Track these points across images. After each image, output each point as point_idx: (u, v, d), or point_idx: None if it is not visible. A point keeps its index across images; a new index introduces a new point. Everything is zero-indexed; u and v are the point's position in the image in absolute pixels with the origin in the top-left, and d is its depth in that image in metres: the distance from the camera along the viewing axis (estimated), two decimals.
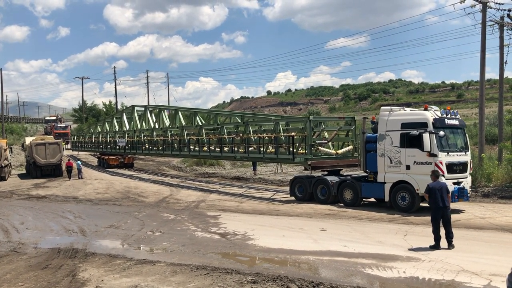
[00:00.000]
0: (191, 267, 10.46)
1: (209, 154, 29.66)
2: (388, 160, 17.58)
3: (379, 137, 17.95)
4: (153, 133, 35.95)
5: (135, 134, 38.68)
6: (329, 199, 19.71)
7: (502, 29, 27.81)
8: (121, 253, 12.22)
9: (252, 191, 25.57)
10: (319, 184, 20.28)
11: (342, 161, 22.10)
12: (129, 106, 45.86)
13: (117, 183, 31.97)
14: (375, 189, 18.19)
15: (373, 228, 14.68)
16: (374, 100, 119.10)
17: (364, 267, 10.17)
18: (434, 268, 9.85)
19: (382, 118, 18.03)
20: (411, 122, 17.23)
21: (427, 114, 16.98)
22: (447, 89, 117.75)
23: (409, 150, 16.97)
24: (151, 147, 36.63)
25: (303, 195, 20.83)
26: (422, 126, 16.74)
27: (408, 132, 16.98)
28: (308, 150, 21.37)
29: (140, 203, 22.29)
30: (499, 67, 28.03)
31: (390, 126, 17.61)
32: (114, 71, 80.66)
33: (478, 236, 13.06)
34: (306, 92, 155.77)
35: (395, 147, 17.37)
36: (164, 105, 51.39)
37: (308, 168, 21.47)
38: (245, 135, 25.51)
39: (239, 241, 13.22)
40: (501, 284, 8.24)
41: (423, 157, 16.57)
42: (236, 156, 26.96)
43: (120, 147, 40.44)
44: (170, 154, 35.37)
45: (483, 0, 26.06)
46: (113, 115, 53.72)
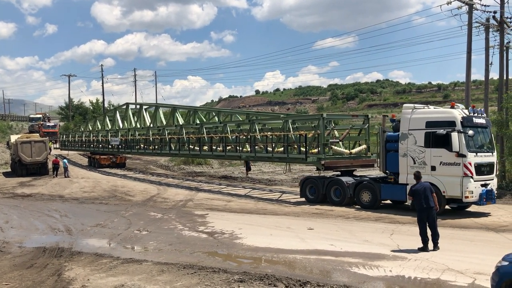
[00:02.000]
0: (178, 266, 10.43)
1: (211, 154, 28.49)
2: (411, 160, 16.62)
3: (401, 136, 16.97)
4: (149, 131, 34.94)
5: (129, 132, 37.72)
6: (344, 201, 18.73)
7: (488, 31, 28.14)
8: (108, 252, 12.14)
9: (257, 192, 24.73)
10: (333, 185, 19.28)
11: (355, 161, 21.16)
12: (123, 103, 44.54)
13: (104, 181, 31.74)
14: (396, 191, 17.12)
15: (360, 227, 14.77)
16: (361, 100, 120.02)
17: (350, 266, 10.23)
18: (420, 267, 9.94)
19: (405, 116, 17.03)
20: (437, 120, 16.23)
21: (455, 112, 16.02)
22: (434, 90, 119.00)
23: (435, 150, 16.02)
24: (146, 146, 35.49)
25: (315, 197, 19.84)
26: (449, 125, 15.78)
27: (434, 131, 16.01)
28: (321, 150, 20.28)
29: (127, 202, 22.16)
30: (485, 69, 28.35)
31: (414, 125, 16.67)
32: (102, 69, 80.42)
33: (463, 235, 13.20)
34: (294, 92, 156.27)
35: (419, 146, 16.42)
36: (161, 103, 50.16)
37: (321, 168, 20.39)
38: (250, 133, 24.55)
39: (226, 240, 13.21)
40: (485, 283, 8.34)
41: (451, 157, 15.65)
42: (242, 156, 25.96)
43: (113, 146, 39.56)
44: (168, 154, 34.24)
45: (469, 2, 26.34)
46: (105, 113, 53.00)
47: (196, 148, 29.70)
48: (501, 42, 28.17)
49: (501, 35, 27.85)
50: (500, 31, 27.83)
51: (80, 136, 49.70)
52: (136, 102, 51.51)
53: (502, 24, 27.60)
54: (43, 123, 69.90)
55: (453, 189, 15.56)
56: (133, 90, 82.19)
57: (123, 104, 43.95)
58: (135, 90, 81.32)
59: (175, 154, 33.52)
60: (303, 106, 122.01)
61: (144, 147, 35.81)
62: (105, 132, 42.56)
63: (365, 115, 23.26)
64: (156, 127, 34.69)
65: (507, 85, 36.65)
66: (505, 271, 6.81)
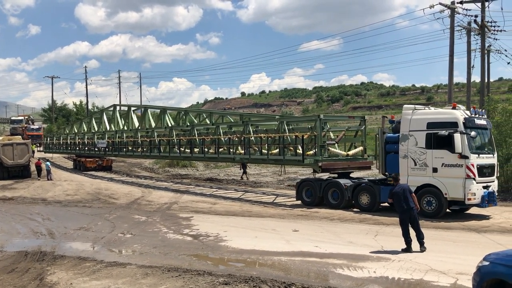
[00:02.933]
0: (162, 269, 10.36)
1: (203, 156, 27.76)
2: (411, 162, 16.33)
3: (402, 137, 16.69)
4: (137, 133, 34.21)
5: (116, 135, 37.03)
6: (342, 203, 18.44)
7: (469, 35, 28.66)
8: (91, 255, 12.00)
9: (249, 194, 24.36)
10: (330, 188, 18.94)
11: (352, 163, 20.89)
12: (110, 105, 43.75)
13: (87, 184, 31.41)
14: None
15: (345, 229, 14.85)
16: (346, 103, 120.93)
17: (335, 267, 10.27)
18: (403, 268, 10.02)
19: (405, 117, 16.75)
20: (438, 121, 15.99)
21: (457, 113, 15.79)
22: (417, 92, 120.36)
23: (437, 151, 15.77)
24: (135, 148, 34.53)
25: (312, 200, 19.52)
26: (451, 126, 15.55)
27: (436, 132, 15.77)
28: (318, 151, 19.99)
29: (111, 204, 21.96)
30: (467, 71, 28.96)
31: (414, 126, 16.40)
32: (85, 71, 79.24)
33: (446, 236, 13.35)
34: (280, 94, 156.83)
35: (420, 148, 16.16)
36: (149, 105, 49.12)
37: (318, 170, 20.10)
38: (244, 135, 24.07)
39: (211, 243, 13.17)
40: (467, 282, 8.44)
41: (453, 159, 15.40)
42: (235, 158, 25.48)
43: (100, 149, 38.81)
44: (158, 156, 33.49)
45: (452, 6, 26.77)
46: (91, 114, 52.25)
47: (187, 151, 29.08)
48: (482, 46, 28.66)
49: (482, 38, 28.35)
50: (481, 35, 28.33)
51: (65, 139, 48.81)
52: (122, 103, 50.92)
53: (483, 28, 28.10)
54: (27, 126, 68.89)
55: (455, 191, 15.34)
56: (118, 92, 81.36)
57: (110, 106, 43.28)
58: (119, 92, 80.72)
59: (165, 156, 32.87)
60: (288, 108, 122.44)
61: (132, 149, 35.03)
62: (91, 134, 41.85)
63: (361, 116, 22.92)
64: (145, 129, 34.08)
65: (489, 88, 37.21)
66: (486, 271, 6.89)
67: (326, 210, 18.34)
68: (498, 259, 6.90)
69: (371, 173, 25.67)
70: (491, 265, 6.87)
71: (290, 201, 21.27)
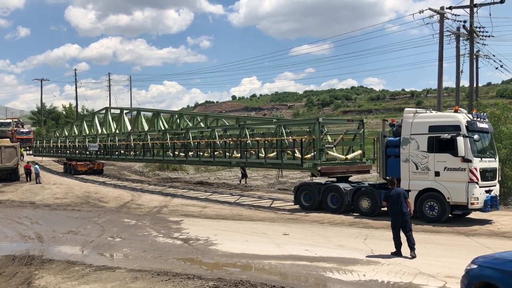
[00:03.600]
0: (152, 273, 10.32)
1: (198, 160, 27.39)
2: (413, 166, 16.15)
3: (403, 141, 16.52)
4: (130, 137, 33.87)
5: (108, 138, 36.73)
6: (342, 208, 18.17)
7: (458, 40, 28.96)
8: (80, 259, 11.91)
9: (245, 198, 24.14)
10: (329, 192, 18.68)
11: (351, 167, 20.63)
12: (102, 108, 43.31)
13: (76, 187, 31.19)
14: None
15: (335, 232, 14.88)
16: (336, 107, 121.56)
17: (325, 270, 10.29)
18: (393, 271, 10.07)
19: (406, 120, 16.60)
20: (440, 125, 15.81)
21: (459, 117, 15.62)
22: (407, 97, 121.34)
23: (439, 155, 15.58)
24: (127, 152, 34.21)
25: (311, 204, 19.29)
26: (454, 129, 15.39)
27: (438, 136, 15.60)
28: (317, 155, 19.69)
29: (100, 208, 21.82)
30: (456, 76, 29.17)
31: (416, 129, 16.24)
32: (75, 73, 78.94)
33: (435, 240, 13.43)
34: (271, 98, 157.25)
35: (421, 151, 15.98)
36: (143, 108, 48.63)
37: (317, 174, 19.96)
38: (240, 138, 23.78)
39: (201, 246, 13.13)
40: (455, 286, 8.51)
41: (456, 162, 15.23)
42: (232, 162, 25.05)
43: (92, 152, 38.51)
44: (152, 160, 32.94)
45: (441, 11, 27.04)
46: (82, 117, 51.73)
47: (182, 154, 28.71)
48: (471, 51, 28.98)
49: (471, 44, 28.67)
50: (470, 40, 28.64)
51: (55, 142, 48.32)
52: (111, 106, 50.40)
53: (471, 33, 28.42)
54: (16, 129, 68.29)
55: (458, 195, 15.20)
56: (108, 95, 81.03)
57: (102, 109, 42.91)
58: (109, 94, 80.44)
59: (158, 160, 32.36)
60: (279, 112, 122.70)
61: (125, 153, 34.57)
62: (82, 138, 41.42)
63: (359, 119, 22.68)
64: (138, 132, 33.71)
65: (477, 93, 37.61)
66: (475, 274, 6.95)
67: (317, 214, 18.34)
68: (486, 262, 6.96)
69: (369, 177, 25.68)
70: (479, 268, 6.93)
71: (288, 205, 20.99)
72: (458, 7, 28.05)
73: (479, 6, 27.58)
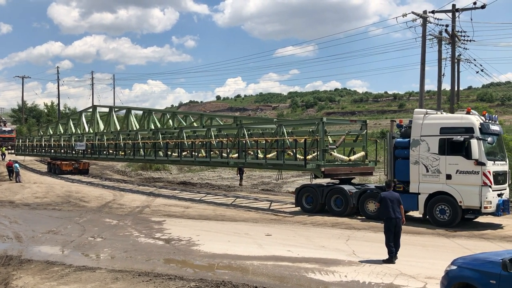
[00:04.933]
0: (133, 273, 10.23)
1: (193, 160, 26.59)
2: (423, 168, 15.70)
3: (413, 142, 16.05)
4: (119, 136, 33.00)
5: (96, 137, 35.94)
6: (347, 211, 17.69)
7: (440, 43, 29.39)
8: (60, 259, 11.74)
9: (243, 200, 23.47)
10: (333, 194, 18.14)
11: (354, 169, 20.19)
12: (90, 106, 42.50)
13: (57, 187, 30.78)
14: (406, 201, 15.44)
15: (317, 233, 14.94)
16: (320, 108, 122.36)
17: (307, 271, 10.31)
18: (374, 272, 10.14)
19: (416, 121, 16.15)
20: (453, 126, 15.39)
21: (472, 119, 15.20)
22: (390, 99, 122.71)
23: (451, 157, 15.16)
24: (116, 151, 33.15)
25: (313, 206, 18.75)
26: (466, 131, 14.98)
27: (450, 138, 15.17)
28: (321, 156, 19.16)
29: (81, 208, 21.56)
30: (438, 79, 29.61)
31: (426, 131, 15.80)
32: (57, 71, 77.57)
33: (416, 241, 13.57)
34: (255, 98, 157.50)
35: (432, 154, 15.54)
36: (133, 106, 47.61)
37: (320, 176, 19.40)
38: (238, 138, 23.10)
39: (183, 247, 13.06)
40: (435, 286, 8.58)
41: (469, 165, 14.83)
42: (229, 162, 24.30)
43: (78, 152, 37.74)
44: (143, 160, 32.07)
45: (423, 15, 27.40)
46: (69, 116, 50.81)
47: (174, 154, 28.03)
48: (452, 55, 29.45)
49: (453, 47, 29.13)
50: (451, 44, 29.11)
51: (39, 141, 47.11)
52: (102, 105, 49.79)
53: (453, 38, 28.87)
54: None
55: (471, 199, 14.82)
56: (90, 94, 79.98)
57: (89, 107, 42.03)
58: (92, 93, 79.26)
59: (150, 160, 31.65)
60: (263, 112, 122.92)
61: (114, 152, 33.65)
62: (67, 136, 40.54)
63: (362, 120, 22.13)
64: (128, 131, 32.90)
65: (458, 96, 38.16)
66: (454, 275, 7.04)
67: (321, 217, 17.84)
68: (465, 263, 7.06)
69: (370, 179, 25.65)
70: (458, 269, 7.02)
71: (287, 207, 20.51)
72: (441, 11, 28.53)
73: (461, 11, 28.10)
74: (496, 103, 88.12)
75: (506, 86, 65.30)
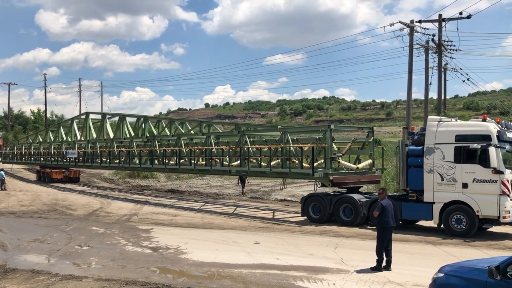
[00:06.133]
0: (120, 282, 10.13)
1: (192, 168, 26.06)
2: (438, 177, 15.31)
3: (427, 150, 15.64)
4: (113, 143, 32.38)
5: (88, 144, 35.27)
6: (357, 220, 17.15)
7: (427, 52, 29.79)
8: (46, 268, 11.59)
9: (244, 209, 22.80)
10: (342, 204, 17.54)
11: (362, 177, 19.71)
12: (83, 113, 41.65)
13: (44, 195, 30.45)
14: (420, 210, 15.78)
15: (305, 241, 14.94)
16: (308, 116, 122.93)
17: (295, 279, 10.30)
18: (362, 280, 10.15)
19: (430, 129, 15.75)
20: (468, 134, 15.01)
21: (490, 126, 14.81)
22: (377, 107, 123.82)
23: (467, 166, 14.79)
24: (110, 159, 32.58)
25: (320, 216, 18.22)
26: (483, 139, 14.61)
27: (467, 146, 14.84)
28: (328, 164, 18.79)
29: (68, 216, 21.33)
30: (425, 88, 29.97)
31: (441, 138, 15.41)
32: (45, 78, 76.91)
33: (403, 249, 13.63)
34: (244, 106, 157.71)
35: (447, 162, 15.15)
36: (128, 113, 46.74)
37: (328, 184, 19.00)
38: (240, 146, 22.63)
39: (171, 255, 12.97)
40: None
41: (486, 174, 14.47)
42: (231, 170, 23.66)
43: (69, 160, 37.04)
44: (139, 168, 31.46)
45: (410, 25, 27.74)
46: (59, 123, 49.89)
47: (172, 162, 27.49)
48: (439, 64, 29.85)
49: (439, 57, 29.53)
50: (438, 53, 29.51)
51: (28, 148, 46.14)
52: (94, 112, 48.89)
53: (440, 47, 29.28)
54: None
55: (489, 208, 14.46)
56: (78, 101, 79.32)
57: (81, 114, 41.33)
58: (79, 100, 78.69)
59: (147, 168, 31.09)
60: (252, 120, 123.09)
61: (107, 160, 33.02)
62: (58, 144, 39.81)
63: (369, 127, 21.70)
64: (122, 138, 32.35)
65: (445, 105, 38.61)
66: (441, 282, 7.09)
67: (330, 227, 17.24)
68: (452, 270, 7.12)
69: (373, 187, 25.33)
70: (446, 277, 7.07)
71: (290, 217, 20.15)
72: (427, 21, 28.90)
73: (447, 21, 28.47)
74: (482, 112, 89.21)
75: (491, 95, 66.26)
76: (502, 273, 6.19)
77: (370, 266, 11.12)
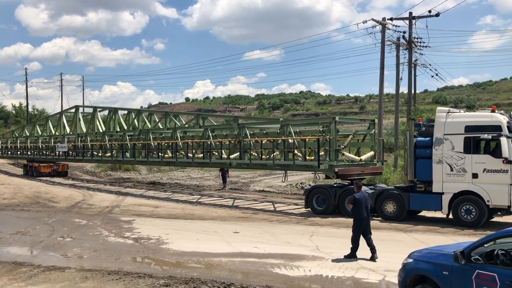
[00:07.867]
0: (102, 272, 10.37)
1: (190, 162, 25.82)
2: (447, 167, 15.33)
3: (436, 141, 15.65)
4: (105, 137, 31.88)
5: (78, 138, 34.69)
6: None
7: (398, 49, 30.78)
8: (28, 260, 11.76)
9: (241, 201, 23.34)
10: (347, 195, 16.92)
11: (366, 169, 19.69)
12: (72, 106, 40.53)
13: (26, 187, 30.28)
14: (429, 201, 15.84)
15: (282, 230, 15.37)
16: (286, 110, 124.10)
17: (273, 266, 10.71)
18: (336, 266, 10.60)
19: (439, 120, 15.75)
20: (479, 125, 15.02)
21: (500, 117, 14.88)
22: (351, 101, 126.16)
23: (477, 156, 14.87)
24: (102, 153, 32.19)
25: (324, 208, 18.19)
26: (494, 129, 14.66)
27: (477, 136, 14.90)
28: (333, 156, 18.67)
29: (50, 208, 21.38)
30: (396, 83, 31.00)
31: (450, 129, 15.42)
32: (26, 72, 75.34)
33: (375, 236, 14.09)
34: (224, 100, 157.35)
35: (457, 152, 15.17)
36: (121, 107, 45.92)
37: (333, 176, 19.03)
38: (239, 139, 22.35)
39: (153, 246, 13.26)
40: (393, 279, 9.01)
41: (497, 164, 14.49)
42: (232, 163, 23.32)
43: (59, 154, 36.52)
44: (133, 161, 30.94)
45: (383, 22, 28.49)
46: (48, 116, 48.83)
47: (167, 155, 27.19)
48: (409, 60, 30.78)
49: (410, 53, 30.47)
50: (408, 50, 30.49)
51: (14, 142, 45.24)
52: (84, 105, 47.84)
53: (410, 44, 30.21)
54: None
55: (500, 198, 14.56)
56: (60, 95, 77.97)
57: (71, 107, 40.44)
58: (61, 94, 77.48)
59: (142, 162, 30.73)
60: (231, 113, 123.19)
61: (99, 154, 32.64)
62: (46, 138, 39.16)
63: (371, 120, 21.69)
64: (114, 132, 31.88)
65: (415, 99, 39.63)
66: (410, 267, 7.39)
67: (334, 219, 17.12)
68: (420, 256, 7.42)
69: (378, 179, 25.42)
70: (414, 262, 7.37)
71: (293, 208, 20.15)
72: (398, 18, 29.81)
73: (417, 18, 29.44)
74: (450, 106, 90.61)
75: (458, 89, 67.87)
76: (467, 257, 6.42)
77: (344, 253, 11.46)
